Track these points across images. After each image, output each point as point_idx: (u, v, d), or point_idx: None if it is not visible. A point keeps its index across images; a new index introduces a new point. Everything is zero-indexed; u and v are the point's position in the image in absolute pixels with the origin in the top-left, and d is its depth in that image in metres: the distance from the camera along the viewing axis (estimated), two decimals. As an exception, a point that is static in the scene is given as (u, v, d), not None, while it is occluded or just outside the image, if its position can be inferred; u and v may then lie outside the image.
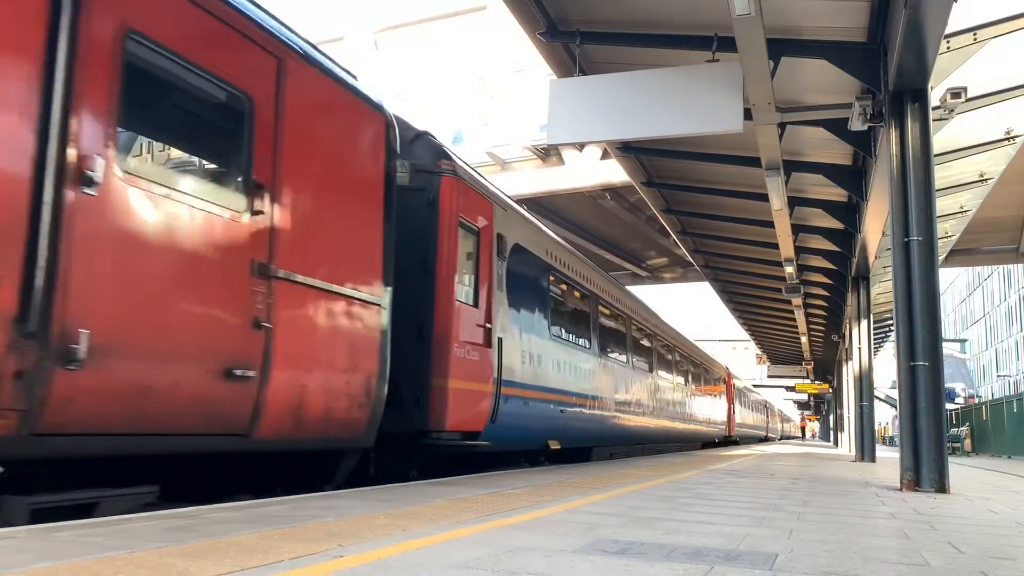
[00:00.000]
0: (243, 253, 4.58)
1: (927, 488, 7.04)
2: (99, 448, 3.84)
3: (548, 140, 9.32)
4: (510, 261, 8.63)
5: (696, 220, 17.11)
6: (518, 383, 8.63)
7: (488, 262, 8.00)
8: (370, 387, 5.74)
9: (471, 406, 7.47)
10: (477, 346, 7.60)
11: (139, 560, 2.52)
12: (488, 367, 7.83)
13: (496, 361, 8.01)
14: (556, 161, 24.09)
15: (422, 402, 6.85)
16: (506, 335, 8.36)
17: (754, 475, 9.04)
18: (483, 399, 7.73)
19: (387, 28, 32.32)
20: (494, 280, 8.11)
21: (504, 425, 8.18)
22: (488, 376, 7.83)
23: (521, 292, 8.92)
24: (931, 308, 7.26)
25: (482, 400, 7.72)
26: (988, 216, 15.56)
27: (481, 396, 7.68)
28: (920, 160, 7.44)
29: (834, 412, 38.94)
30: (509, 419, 8.33)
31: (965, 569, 2.96)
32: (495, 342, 8.01)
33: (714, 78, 8.30)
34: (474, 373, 7.54)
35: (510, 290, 8.56)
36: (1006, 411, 23.51)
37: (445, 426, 6.94)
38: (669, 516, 4.32)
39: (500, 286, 8.24)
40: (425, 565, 2.60)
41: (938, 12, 6.42)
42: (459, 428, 7.26)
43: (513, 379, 8.47)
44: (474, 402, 7.53)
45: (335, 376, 5.36)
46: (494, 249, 8.15)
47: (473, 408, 7.52)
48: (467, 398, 7.35)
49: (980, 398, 54.63)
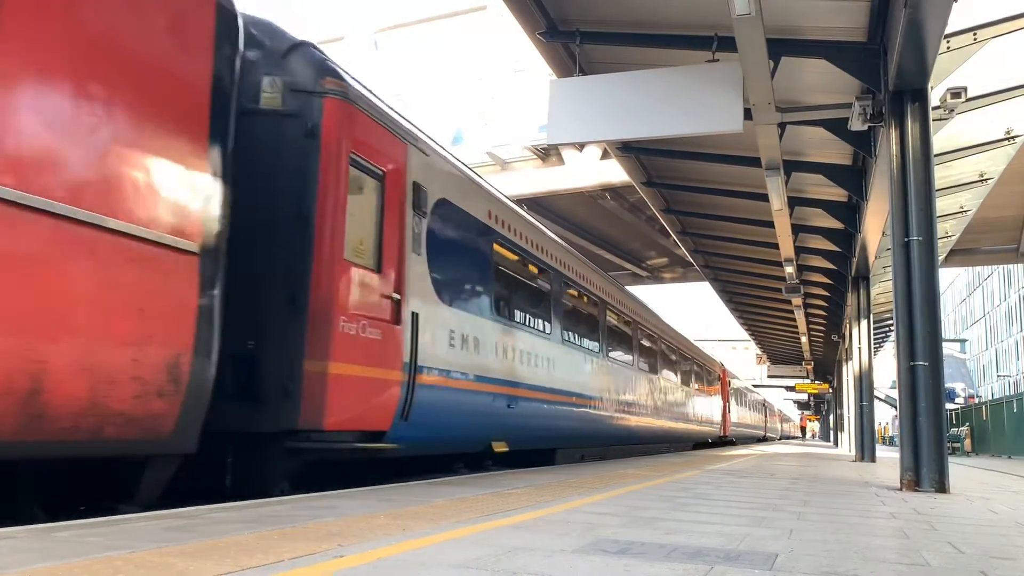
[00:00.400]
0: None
1: (927, 488, 7.04)
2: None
3: (548, 140, 9.31)
4: (435, 219, 7.09)
5: (696, 220, 17.11)
6: (444, 371, 7.12)
7: (398, 216, 6.44)
8: (179, 368, 4.22)
9: (367, 398, 5.95)
10: (379, 322, 6.05)
11: (139, 560, 2.52)
12: (396, 349, 6.27)
13: (409, 342, 6.44)
14: (556, 161, 24.09)
15: (292, 392, 5.28)
16: (426, 310, 6.78)
17: (754, 475, 9.04)
18: (388, 390, 6.17)
19: (387, 28, 32.33)
20: (407, 240, 6.54)
21: (422, 423, 6.67)
22: (396, 360, 6.26)
23: (451, 259, 7.41)
24: (931, 308, 7.26)
25: (386, 391, 6.16)
26: (988, 216, 15.55)
27: (384, 386, 6.12)
28: (920, 160, 7.44)
29: (834, 412, 38.94)
30: (430, 415, 6.83)
31: (965, 569, 2.96)
32: (407, 318, 6.43)
33: (714, 78, 8.30)
34: (373, 356, 5.96)
35: (434, 255, 6.99)
36: (1006, 411, 23.50)
37: (324, 424, 5.44)
38: (669, 516, 4.31)
39: (417, 248, 6.71)
40: (425, 565, 2.60)
41: (938, 12, 6.42)
42: (348, 426, 5.81)
43: (436, 365, 6.95)
44: (373, 393, 5.99)
45: (106, 350, 3.84)
46: (408, 201, 6.60)
47: (371, 401, 6.00)
48: (361, 388, 5.82)
49: (980, 398, 54.62)
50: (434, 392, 6.92)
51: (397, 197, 6.47)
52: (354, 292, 5.79)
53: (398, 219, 6.46)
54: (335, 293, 5.55)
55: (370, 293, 5.99)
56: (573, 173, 23.18)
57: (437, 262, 7.08)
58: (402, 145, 6.62)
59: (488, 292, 8.22)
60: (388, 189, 6.36)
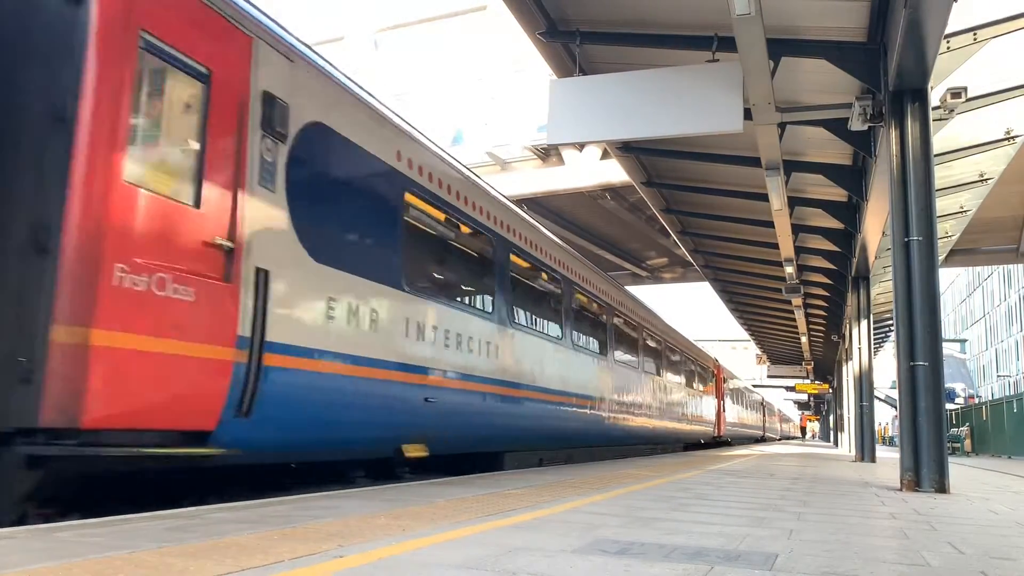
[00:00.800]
0: None
1: (927, 488, 7.04)
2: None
3: (548, 140, 9.31)
4: (303, 148, 5.42)
5: (696, 220, 17.11)
6: (315, 351, 5.39)
7: (233, 134, 4.82)
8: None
9: (170, 385, 4.30)
10: (194, 277, 4.42)
11: (139, 560, 2.52)
12: (225, 317, 4.63)
13: (252, 309, 4.79)
14: (556, 161, 24.08)
15: (28, 372, 3.71)
16: (284, 268, 5.11)
17: (754, 475, 9.04)
18: (211, 373, 4.51)
19: (387, 28, 32.31)
20: (249, 169, 4.90)
21: (277, 420, 5.05)
22: (224, 333, 4.62)
23: (332, 206, 5.76)
24: (931, 308, 7.26)
25: (207, 375, 4.50)
26: (988, 216, 15.56)
27: (204, 368, 4.46)
28: (920, 160, 7.44)
29: (834, 412, 38.94)
30: (291, 411, 5.21)
31: (965, 569, 2.96)
32: (246, 274, 4.78)
33: (714, 78, 8.30)
34: (181, 324, 4.31)
35: (299, 196, 5.32)
36: (1006, 411, 23.50)
37: (82, 419, 3.83)
38: (669, 516, 4.31)
39: (267, 182, 5.06)
40: (425, 565, 2.60)
41: (938, 12, 6.42)
42: (132, 424, 4.12)
43: (301, 343, 5.24)
44: (183, 377, 4.34)
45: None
46: (253, 116, 4.97)
47: (179, 389, 4.36)
48: (157, 369, 4.18)
49: (980, 398, 54.61)
50: (298, 379, 5.22)
51: (232, 107, 4.81)
52: (144, 231, 4.16)
53: (233, 138, 4.81)
54: (106, 229, 3.95)
55: (177, 235, 4.37)
56: (573, 173, 23.18)
57: (305, 206, 5.36)
58: (245, 38, 4.96)
59: (395, 254, 6.50)
60: (216, 94, 4.70)
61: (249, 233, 4.83)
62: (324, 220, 5.64)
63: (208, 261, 4.53)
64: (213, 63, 4.69)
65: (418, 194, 7.03)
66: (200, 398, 4.52)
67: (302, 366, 5.28)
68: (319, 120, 5.64)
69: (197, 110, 4.62)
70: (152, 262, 4.17)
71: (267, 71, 5.13)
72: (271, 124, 5.10)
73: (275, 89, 5.17)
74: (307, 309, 5.38)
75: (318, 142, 5.63)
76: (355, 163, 6.09)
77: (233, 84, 4.85)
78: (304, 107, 5.46)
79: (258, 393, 4.82)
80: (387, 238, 6.47)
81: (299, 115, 5.40)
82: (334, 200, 5.82)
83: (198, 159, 4.59)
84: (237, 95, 4.87)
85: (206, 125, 4.64)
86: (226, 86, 4.79)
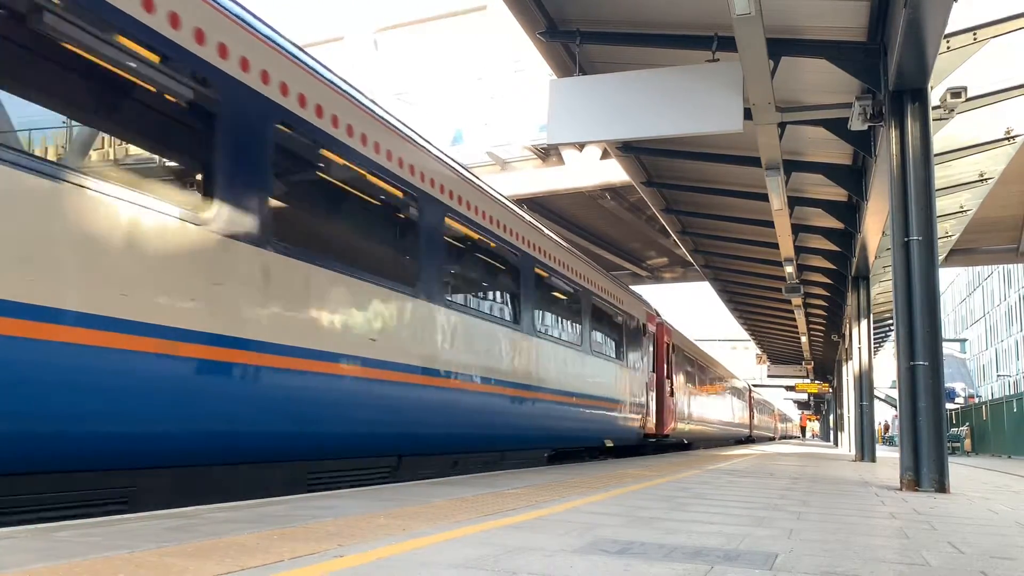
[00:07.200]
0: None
1: (927, 488, 7.04)
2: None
3: (548, 140, 9.30)
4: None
5: (696, 220, 17.11)
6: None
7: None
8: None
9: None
10: None
11: (139, 560, 2.52)
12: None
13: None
14: (556, 161, 24.08)
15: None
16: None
17: (754, 475, 9.04)
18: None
19: (387, 28, 32.28)
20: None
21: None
22: None
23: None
24: (931, 308, 7.26)
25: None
26: (988, 216, 15.56)
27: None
28: (920, 160, 7.44)
29: (834, 412, 38.93)
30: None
31: (965, 569, 2.96)
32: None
33: (714, 78, 8.30)
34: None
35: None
36: (1006, 411, 23.50)
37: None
38: (669, 516, 4.31)
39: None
40: (425, 565, 2.60)
41: (938, 12, 6.42)
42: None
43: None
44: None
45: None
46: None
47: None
48: None
49: (980, 398, 54.61)
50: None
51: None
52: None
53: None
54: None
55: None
56: (573, 173, 23.17)
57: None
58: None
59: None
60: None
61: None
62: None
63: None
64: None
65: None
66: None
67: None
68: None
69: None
70: None
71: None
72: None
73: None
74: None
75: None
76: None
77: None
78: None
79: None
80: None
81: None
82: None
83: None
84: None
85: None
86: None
